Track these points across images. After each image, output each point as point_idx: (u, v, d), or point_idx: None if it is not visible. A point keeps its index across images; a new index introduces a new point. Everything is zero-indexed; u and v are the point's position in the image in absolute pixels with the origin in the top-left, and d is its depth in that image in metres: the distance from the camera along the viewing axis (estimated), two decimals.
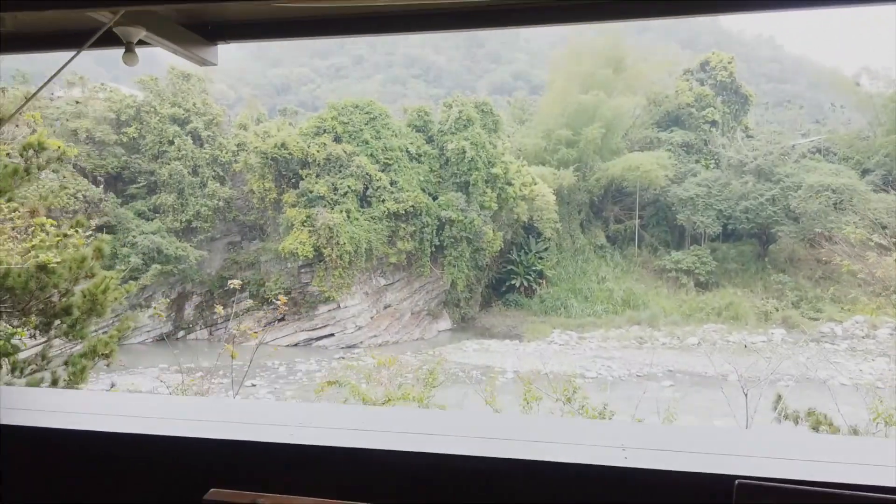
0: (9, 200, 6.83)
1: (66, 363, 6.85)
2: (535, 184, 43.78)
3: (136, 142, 38.17)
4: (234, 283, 22.08)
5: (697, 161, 50.97)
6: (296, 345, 36.34)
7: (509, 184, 41.52)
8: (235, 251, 39.28)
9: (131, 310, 36.54)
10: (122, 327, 7.48)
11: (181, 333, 37.84)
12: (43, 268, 5.89)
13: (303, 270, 36.23)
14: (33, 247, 5.67)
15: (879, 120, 53.56)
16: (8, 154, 6.70)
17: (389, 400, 5.56)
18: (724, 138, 52.95)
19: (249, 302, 37.63)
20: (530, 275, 44.56)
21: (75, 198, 34.29)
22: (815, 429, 11.86)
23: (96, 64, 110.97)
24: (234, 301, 37.90)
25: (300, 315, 36.83)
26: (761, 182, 45.66)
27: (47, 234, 6.08)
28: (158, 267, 33.92)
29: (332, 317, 36.64)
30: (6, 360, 6.72)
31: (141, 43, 2.57)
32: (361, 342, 36.79)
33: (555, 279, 45.20)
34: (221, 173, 39.20)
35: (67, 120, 38.21)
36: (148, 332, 37.01)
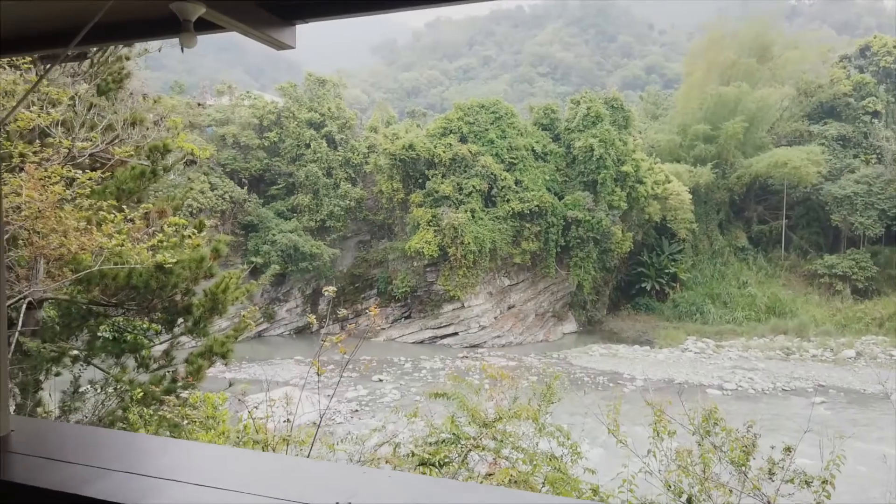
0: (138, 201, 7.25)
1: (186, 361, 7.16)
2: (669, 182, 41.65)
3: (276, 145, 40.54)
4: (329, 290, 22.47)
5: (856, 156, 46.19)
6: (421, 342, 36.94)
7: (640, 182, 39.78)
8: (365, 249, 40.67)
9: (271, 305, 38.93)
10: (239, 327, 7.74)
11: (315, 327, 39.65)
12: (161, 267, 6.18)
13: (428, 269, 36.77)
14: (151, 247, 5.95)
15: None
16: (130, 155, 7.10)
17: (500, 418, 5.23)
18: (888, 130, 47.57)
19: (378, 299, 38.80)
20: (662, 278, 42.42)
21: (223, 198, 36.99)
22: None
23: (245, 73, 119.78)
24: (363, 297, 39.27)
25: (425, 313, 37.41)
26: None
27: (166, 234, 6.37)
28: (276, 268, 35.65)
29: (457, 316, 36.88)
30: (136, 355, 7.13)
31: (211, 27, 2.43)
32: (485, 342, 36.74)
33: (690, 283, 42.72)
34: (353, 175, 40.74)
35: (216, 126, 41.34)
36: (286, 325, 39.19)
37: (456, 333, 36.94)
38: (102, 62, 7.49)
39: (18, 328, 6.36)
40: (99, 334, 8.16)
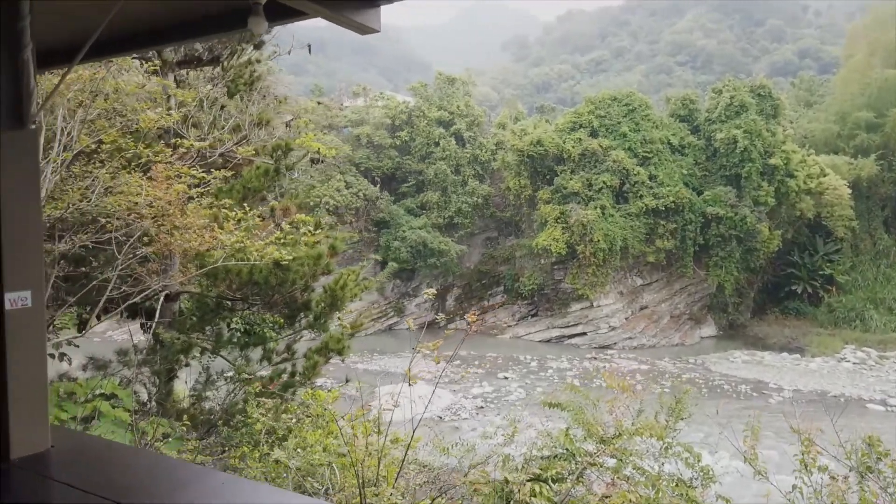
0: (262, 199, 7.48)
1: (304, 356, 7.31)
2: (825, 175, 37.95)
3: (407, 144, 41.48)
4: (429, 292, 22.36)
5: None
6: (548, 341, 36.29)
7: (791, 176, 36.57)
8: (492, 246, 40.61)
9: (401, 299, 39.95)
10: (356, 324, 7.79)
11: (443, 322, 40.21)
12: (278, 264, 6.31)
13: (556, 267, 36.03)
14: (268, 244, 6.09)
15: None
16: (256, 154, 7.33)
17: (620, 434, 4.78)
18: None
19: (504, 296, 38.62)
20: (816, 280, 38.71)
21: (357, 196, 38.40)
22: None
23: (379, 75, 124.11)
24: (489, 294, 39.26)
25: (552, 311, 36.70)
26: None
27: (284, 232, 6.50)
28: (395, 265, 36.24)
29: (585, 315, 35.85)
30: (263, 347, 7.37)
31: (293, 14, 2.30)
32: (615, 343, 35.42)
33: (848, 286, 38.65)
34: (481, 171, 40.80)
35: (351, 127, 43.04)
36: (415, 319, 40.02)
37: (584, 333, 35.92)
38: (232, 66, 7.84)
39: (156, 319, 6.79)
40: (232, 326, 8.59)
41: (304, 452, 4.32)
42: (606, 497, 4.34)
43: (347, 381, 6.99)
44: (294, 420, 4.75)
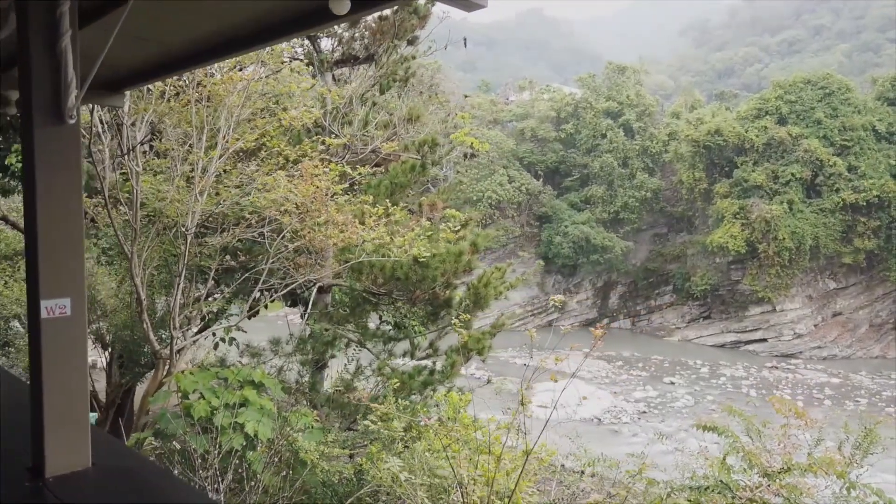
0: (411, 194, 7.47)
1: (444, 354, 7.21)
2: None
3: (572, 137, 40.52)
4: (557, 298, 20.93)
5: None
6: (721, 346, 33.70)
7: None
8: (661, 243, 38.46)
9: (562, 294, 39.18)
10: (497, 324, 7.56)
11: (605, 321, 38.86)
12: (417, 260, 6.24)
13: (732, 266, 33.27)
14: (408, 240, 6.04)
15: None
16: (406, 148, 7.33)
17: (787, 470, 4.08)
18: None
19: (673, 296, 36.47)
20: None
21: (519, 190, 38.23)
22: None
23: (548, 69, 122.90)
24: (657, 293, 37.31)
25: (728, 314, 33.98)
26: None
27: (424, 229, 6.42)
28: (541, 263, 35.22)
29: (766, 320, 32.75)
30: (411, 341, 7.41)
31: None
32: (800, 352, 32.00)
33: None
34: (651, 164, 38.78)
35: (517, 121, 42.93)
36: (576, 315, 39.09)
37: (764, 340, 32.84)
38: (384, 63, 7.95)
39: (308, 310, 7.08)
40: (383, 319, 8.78)
41: (429, 457, 4.20)
42: None
43: (489, 381, 6.80)
44: (432, 420, 4.65)
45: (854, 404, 23.83)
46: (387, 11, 8.02)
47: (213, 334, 7.19)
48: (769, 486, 4.03)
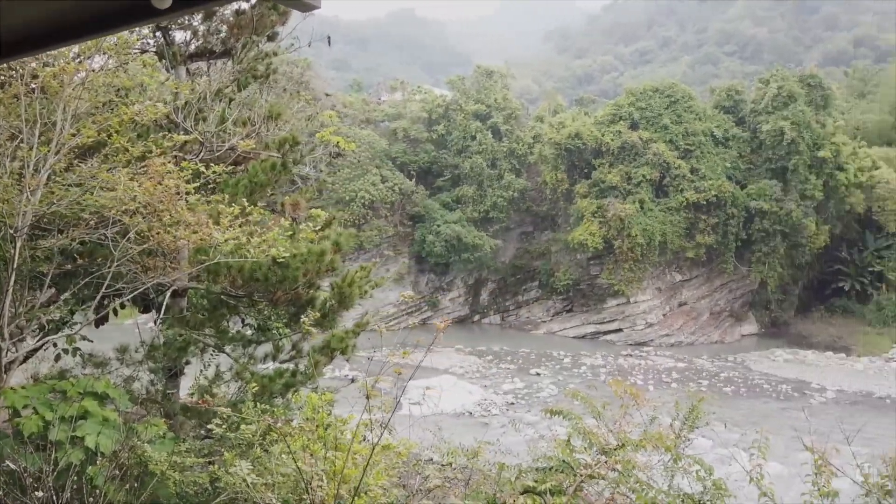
0: (271, 194, 7.36)
1: (307, 355, 7.18)
2: (877, 168, 36.43)
3: (443, 138, 41.24)
4: (407, 294, 21.65)
5: None
6: (583, 337, 35.76)
7: (840, 169, 35.15)
8: (528, 241, 40.14)
9: (434, 293, 39.78)
10: (361, 323, 7.63)
11: (476, 317, 39.97)
12: (276, 261, 6.17)
13: (592, 262, 35.41)
14: (264, 241, 5.95)
15: None
16: (267, 147, 7.20)
17: (622, 446, 4.48)
18: None
19: (539, 291, 38.17)
20: (864, 277, 37.19)
21: (392, 190, 38.37)
22: None
23: (421, 70, 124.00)
24: (524, 289, 38.87)
25: (588, 307, 36.11)
26: None
27: (282, 228, 6.35)
28: (406, 262, 35.78)
29: (621, 311, 35.17)
30: (273, 344, 7.28)
31: None
32: (651, 340, 34.67)
33: None
34: (517, 165, 40.31)
35: (389, 121, 43.04)
36: (448, 313, 39.87)
37: (620, 330, 35.26)
38: (245, 59, 7.75)
39: (160, 315, 6.76)
40: (246, 322, 8.54)
41: (285, 459, 4.18)
42: None
43: (353, 381, 6.83)
44: (291, 422, 4.60)
45: (697, 385, 26.12)
46: (244, 5, 7.82)
47: (54, 345, 6.68)
48: (606, 462, 4.39)
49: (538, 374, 27.94)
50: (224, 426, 4.78)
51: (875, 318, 35.83)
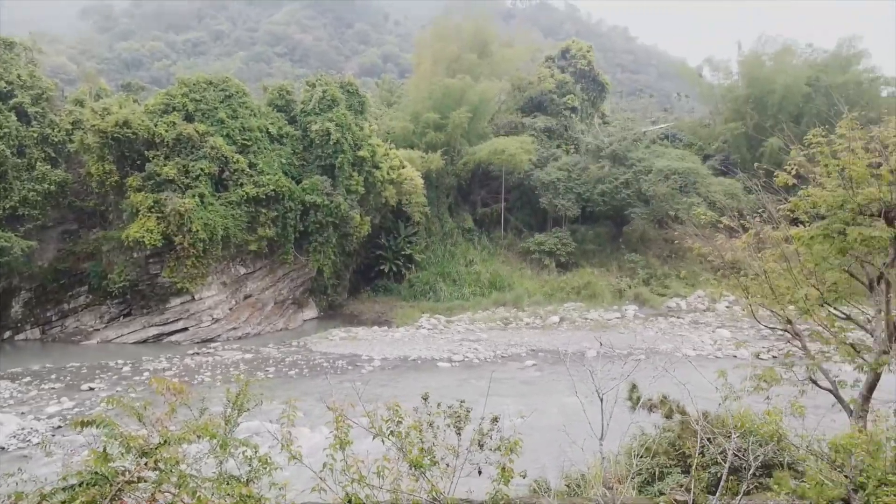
0: None
1: None
2: (404, 167, 43.16)
3: None
4: None
5: (559, 146, 52.57)
6: (144, 341, 33.53)
7: (377, 167, 40.57)
8: (72, 240, 35.42)
9: None
10: None
11: (7, 334, 33.74)
12: None
13: (151, 260, 33.33)
14: None
15: (718, 109, 57.94)
16: None
17: (165, 443, 4.53)
18: (582, 124, 55.02)
19: (89, 297, 34.20)
20: (399, 259, 44.05)
21: None
22: (669, 417, 12.14)
23: None
24: (70, 296, 34.35)
25: (149, 309, 33.95)
26: (616, 166, 47.86)
27: None
28: None
29: (186, 309, 34.11)
30: None
31: None
32: (219, 335, 34.61)
33: (424, 263, 45.00)
34: (54, 154, 35.11)
35: None
36: None
37: (186, 329, 34.19)
38: None
39: None
40: None
41: None
42: None
43: None
44: None
45: (264, 373, 27.15)
46: None
47: None
48: (146, 463, 4.36)
49: (91, 389, 25.11)
50: None
51: (408, 294, 42.82)
